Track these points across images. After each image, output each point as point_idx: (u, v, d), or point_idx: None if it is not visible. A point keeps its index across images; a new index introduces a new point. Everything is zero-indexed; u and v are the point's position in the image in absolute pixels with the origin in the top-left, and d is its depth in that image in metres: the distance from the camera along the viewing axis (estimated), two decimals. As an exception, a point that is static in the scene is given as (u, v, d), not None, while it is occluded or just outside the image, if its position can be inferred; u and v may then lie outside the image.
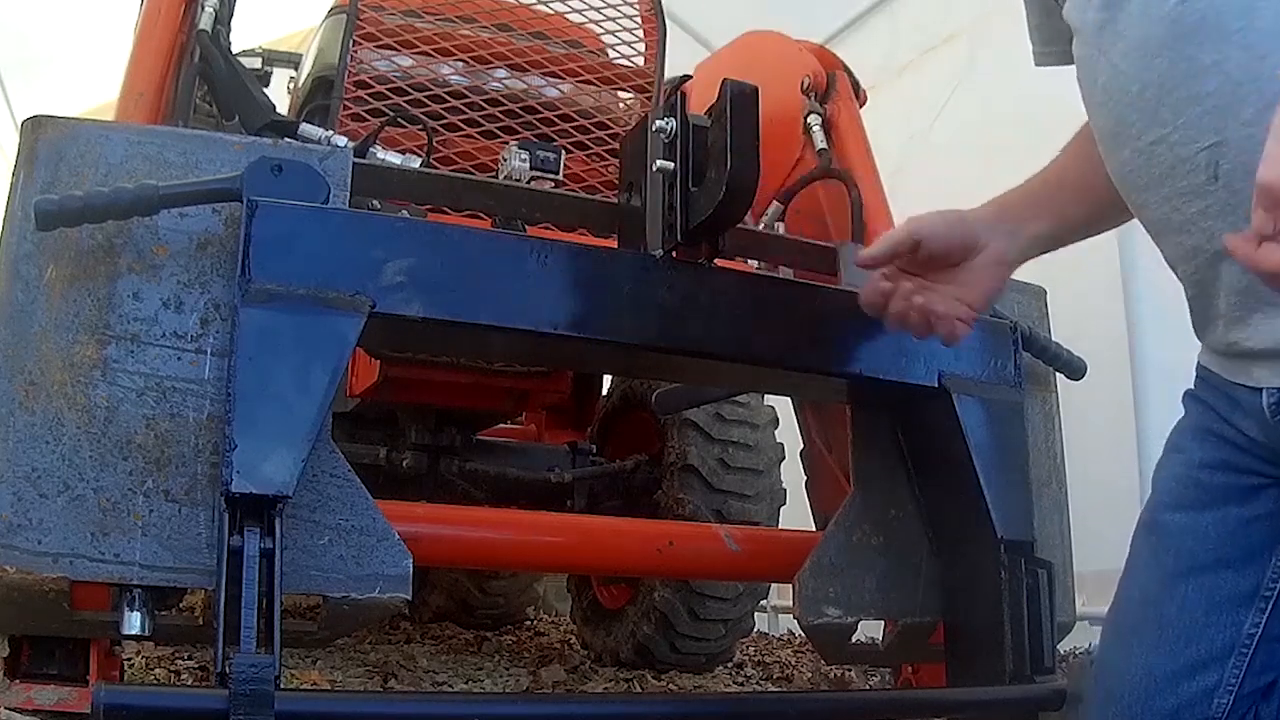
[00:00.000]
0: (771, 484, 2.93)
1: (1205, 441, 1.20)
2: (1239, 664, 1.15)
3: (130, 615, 1.26)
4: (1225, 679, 1.15)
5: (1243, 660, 1.15)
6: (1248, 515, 1.16)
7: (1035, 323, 1.84)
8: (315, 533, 1.29)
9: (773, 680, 3.16)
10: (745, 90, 1.35)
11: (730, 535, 1.86)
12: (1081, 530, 1.85)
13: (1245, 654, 1.15)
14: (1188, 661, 1.16)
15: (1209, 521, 1.18)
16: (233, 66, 2.10)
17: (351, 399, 2.74)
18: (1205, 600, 1.16)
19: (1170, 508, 1.22)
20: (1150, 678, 1.17)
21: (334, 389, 1.25)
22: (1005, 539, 1.55)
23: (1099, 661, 1.28)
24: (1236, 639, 1.15)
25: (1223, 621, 1.15)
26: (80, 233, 1.28)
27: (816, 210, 2.33)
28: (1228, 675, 1.15)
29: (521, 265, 1.38)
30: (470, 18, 2.36)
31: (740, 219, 1.47)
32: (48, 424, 1.24)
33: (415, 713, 1.32)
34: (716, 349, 1.49)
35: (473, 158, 2.29)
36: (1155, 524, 1.24)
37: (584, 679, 2.90)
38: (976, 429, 1.58)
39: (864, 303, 1.40)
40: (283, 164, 1.33)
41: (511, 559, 2.12)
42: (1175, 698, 1.15)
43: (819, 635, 1.61)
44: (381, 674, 2.71)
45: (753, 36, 2.69)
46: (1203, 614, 1.16)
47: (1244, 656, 1.15)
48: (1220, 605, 1.15)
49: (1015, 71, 1.71)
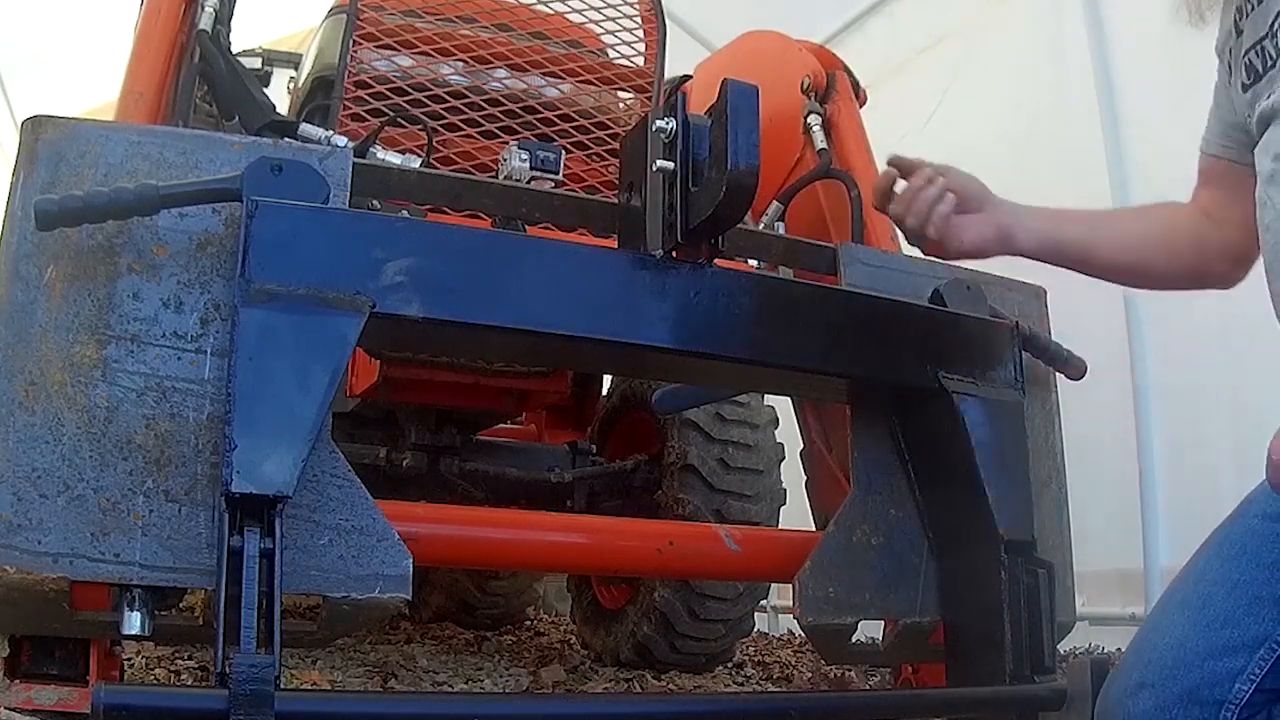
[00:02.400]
0: (771, 484, 2.93)
1: None
2: (1266, 657, 1.19)
3: (130, 615, 1.26)
4: (1250, 667, 1.19)
5: (1270, 654, 1.19)
6: None
7: (1035, 323, 1.84)
8: (315, 533, 1.29)
9: (773, 680, 3.17)
10: (745, 90, 1.35)
11: (730, 535, 1.86)
12: (1081, 530, 1.85)
13: (1275, 649, 1.19)
14: (1220, 643, 1.20)
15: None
16: (233, 66, 2.10)
17: (351, 399, 2.74)
18: (1253, 593, 1.21)
19: (1251, 513, 1.28)
20: (1182, 648, 1.22)
21: (334, 389, 1.25)
22: (1005, 539, 1.55)
23: (1145, 624, 1.33)
24: (1271, 633, 1.20)
25: (1262, 615, 1.20)
26: (80, 233, 1.28)
27: (816, 210, 2.33)
28: (1253, 665, 1.19)
29: (521, 265, 1.38)
30: (470, 18, 2.36)
31: (740, 219, 1.47)
32: (48, 424, 1.24)
33: (415, 713, 1.32)
34: (716, 349, 1.49)
35: (473, 158, 2.29)
36: (1238, 517, 1.30)
37: (584, 679, 2.90)
38: (976, 429, 1.58)
39: (878, 186, 1.54)
40: (283, 164, 1.33)
41: (511, 559, 2.12)
42: (1200, 673, 1.20)
43: (819, 635, 1.61)
44: (381, 674, 2.72)
45: (753, 36, 2.69)
46: (1247, 603, 1.21)
47: (1272, 651, 1.19)
48: (1265, 600, 1.21)
49: (1013, 71, 1.72)
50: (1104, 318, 3.17)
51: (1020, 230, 1.50)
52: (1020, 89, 3.67)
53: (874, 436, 1.69)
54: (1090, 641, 2.92)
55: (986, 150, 3.71)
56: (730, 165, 1.31)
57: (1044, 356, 1.79)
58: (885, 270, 1.75)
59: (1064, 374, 1.83)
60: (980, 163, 1.55)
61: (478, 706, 1.49)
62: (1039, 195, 1.59)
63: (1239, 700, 1.19)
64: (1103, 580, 2.88)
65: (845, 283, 1.72)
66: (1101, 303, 3.19)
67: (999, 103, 3.73)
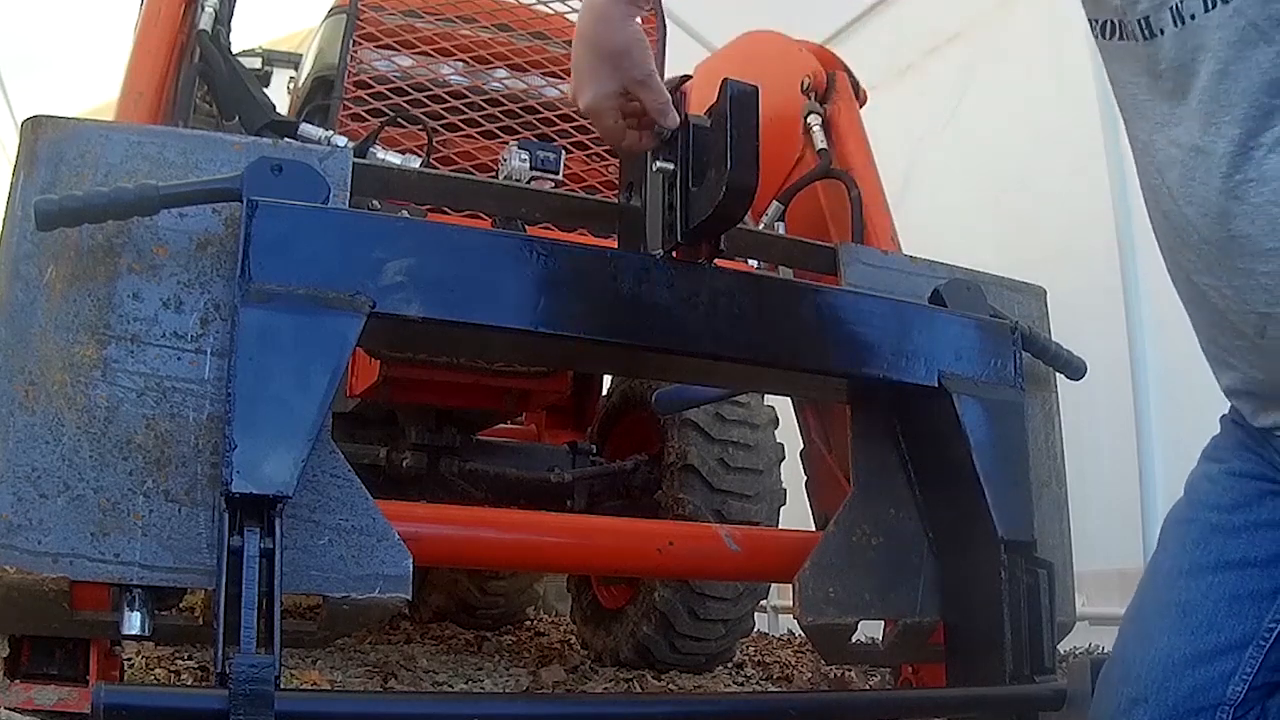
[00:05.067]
0: (771, 484, 2.93)
1: (1242, 454, 1.26)
2: (1256, 655, 1.19)
3: (130, 615, 1.26)
4: (1241, 667, 1.19)
5: (1260, 652, 1.19)
6: (1277, 519, 1.21)
7: (1035, 323, 1.84)
8: (315, 533, 1.29)
9: (773, 680, 3.17)
10: (745, 90, 1.34)
11: (730, 535, 1.86)
12: (1081, 530, 1.85)
13: (1263, 646, 1.19)
14: (1207, 647, 1.20)
15: (1240, 522, 1.23)
16: (233, 66, 2.10)
17: (351, 399, 2.74)
18: (1229, 592, 1.21)
19: (1204, 506, 1.28)
20: (1170, 659, 1.21)
21: (334, 389, 1.25)
22: (1005, 539, 1.54)
23: (1119, 642, 1.32)
24: (1256, 630, 1.19)
25: (1244, 613, 1.20)
26: (80, 233, 1.28)
27: (816, 210, 2.33)
28: (1244, 664, 1.19)
29: (521, 265, 1.38)
30: (470, 18, 2.36)
31: (740, 219, 1.47)
32: (48, 424, 1.24)
33: (415, 713, 1.31)
34: (716, 349, 1.49)
35: (473, 158, 2.29)
36: (1187, 519, 1.30)
37: (584, 679, 2.90)
38: (976, 429, 1.57)
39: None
40: (283, 164, 1.33)
41: (511, 559, 2.12)
42: (1192, 680, 1.20)
43: (819, 635, 1.61)
44: (381, 674, 2.71)
45: (753, 36, 2.69)
46: (1226, 604, 1.21)
47: (1261, 649, 1.19)
48: (1243, 598, 1.20)
49: (1022, 72, 1.72)
50: (1104, 318, 3.18)
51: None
52: (1030, 90, 3.67)
53: (874, 436, 1.69)
54: (1090, 641, 2.92)
55: (999, 151, 3.72)
56: (730, 165, 1.31)
57: (1044, 356, 1.79)
58: (885, 270, 1.75)
59: (1064, 374, 1.83)
60: (991, 164, 1.56)
61: (478, 706, 1.49)
62: (1046, 195, 1.59)
63: (1234, 700, 1.19)
64: (1103, 580, 2.88)
65: (845, 283, 1.72)
66: (1101, 303, 3.20)
67: (1008, 104, 3.73)
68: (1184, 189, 1.15)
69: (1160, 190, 1.20)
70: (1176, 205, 1.17)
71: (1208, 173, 1.11)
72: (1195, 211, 1.15)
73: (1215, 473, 1.30)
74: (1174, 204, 1.18)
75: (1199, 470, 1.33)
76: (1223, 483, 1.28)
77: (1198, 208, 1.14)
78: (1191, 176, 1.14)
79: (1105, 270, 3.26)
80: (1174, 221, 1.19)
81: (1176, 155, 1.16)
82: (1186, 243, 1.18)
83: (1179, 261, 1.22)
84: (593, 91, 1.33)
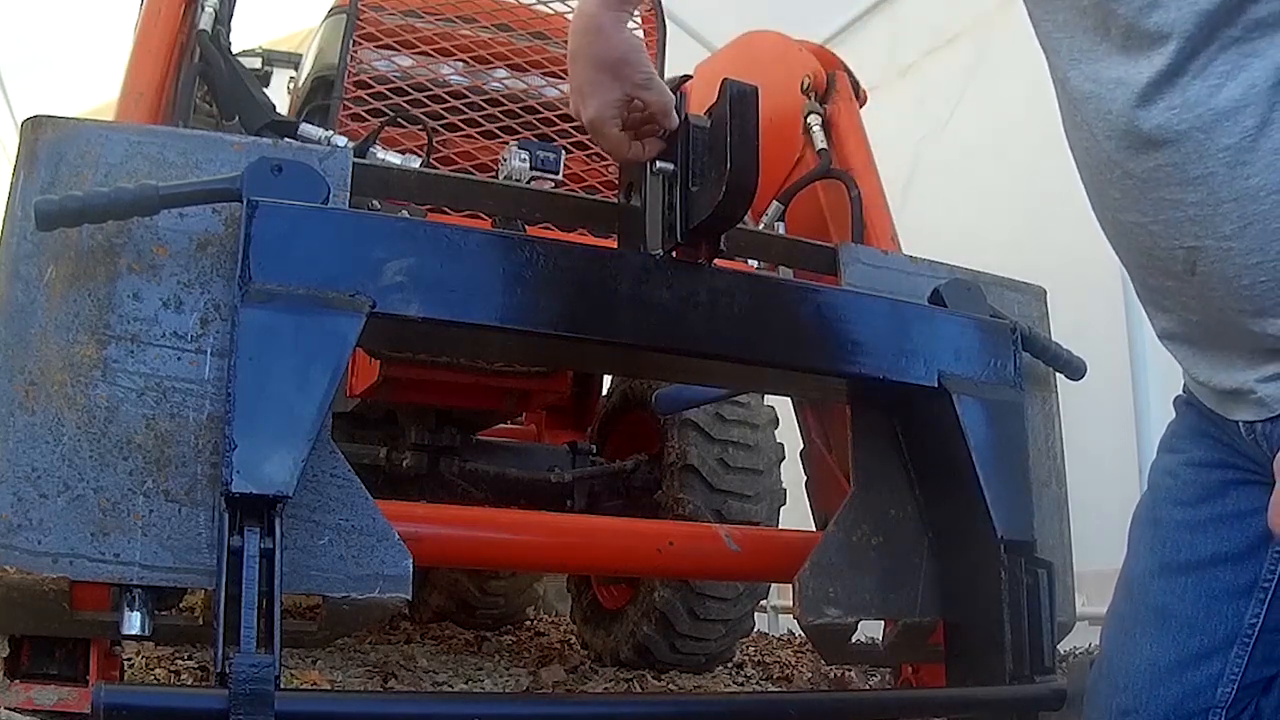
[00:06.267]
0: (771, 484, 2.93)
1: (1200, 441, 1.24)
2: (1241, 654, 1.17)
3: (130, 615, 1.26)
4: (1228, 668, 1.17)
5: (1245, 650, 1.17)
6: (1243, 509, 1.19)
7: (1035, 323, 1.84)
8: (315, 533, 1.29)
9: (773, 680, 3.16)
10: (745, 90, 1.34)
11: (730, 535, 1.86)
12: (1081, 530, 1.85)
13: (1247, 644, 1.17)
14: (1191, 651, 1.18)
15: (1206, 516, 1.21)
16: (233, 66, 2.10)
17: (351, 399, 2.74)
18: (1205, 592, 1.19)
19: (1168, 503, 1.26)
20: (1155, 667, 1.20)
21: (334, 389, 1.25)
22: (1005, 539, 1.54)
23: (1103, 652, 1.30)
24: (1238, 629, 1.17)
25: (1224, 612, 1.18)
26: (80, 233, 1.28)
27: (816, 210, 2.33)
28: (1230, 665, 1.17)
29: (521, 265, 1.38)
30: (470, 18, 2.36)
31: (740, 219, 1.47)
32: (48, 424, 1.24)
33: (415, 713, 1.31)
34: (716, 349, 1.49)
35: (473, 158, 2.29)
36: (1153, 519, 1.28)
37: (584, 679, 2.90)
38: (976, 429, 1.57)
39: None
40: (283, 164, 1.33)
41: (511, 559, 2.12)
42: (1180, 686, 1.18)
43: (819, 635, 1.61)
44: (381, 674, 2.71)
45: (753, 36, 2.69)
46: (1204, 605, 1.19)
47: (1245, 646, 1.17)
48: (1220, 597, 1.18)
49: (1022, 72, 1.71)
50: (1104, 318, 3.17)
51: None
52: (1030, 90, 3.67)
53: (874, 436, 1.69)
54: (1090, 641, 2.91)
55: (999, 151, 3.71)
56: (730, 165, 1.31)
57: (1044, 357, 1.79)
58: (885, 270, 1.75)
59: (1064, 374, 1.83)
60: (992, 164, 1.55)
61: (478, 706, 1.49)
62: (1047, 195, 1.58)
63: (1225, 702, 1.17)
64: (1103, 580, 2.87)
65: (845, 283, 1.72)
66: (1102, 303, 3.20)
67: (1009, 104, 3.73)
68: (1103, 122, 1.12)
69: (1081, 127, 1.17)
70: (1097, 141, 1.14)
71: (1127, 104, 1.09)
72: (1115, 145, 1.12)
73: (1174, 465, 1.27)
74: (1094, 140, 1.15)
75: (1158, 463, 1.31)
76: (1183, 475, 1.25)
77: (1118, 141, 1.11)
78: (1109, 109, 1.11)
79: (1106, 270, 3.25)
80: (1095, 157, 1.16)
81: (1094, 89, 1.13)
82: (1109, 179, 1.15)
83: (1104, 200, 1.18)
84: (597, 103, 1.30)
